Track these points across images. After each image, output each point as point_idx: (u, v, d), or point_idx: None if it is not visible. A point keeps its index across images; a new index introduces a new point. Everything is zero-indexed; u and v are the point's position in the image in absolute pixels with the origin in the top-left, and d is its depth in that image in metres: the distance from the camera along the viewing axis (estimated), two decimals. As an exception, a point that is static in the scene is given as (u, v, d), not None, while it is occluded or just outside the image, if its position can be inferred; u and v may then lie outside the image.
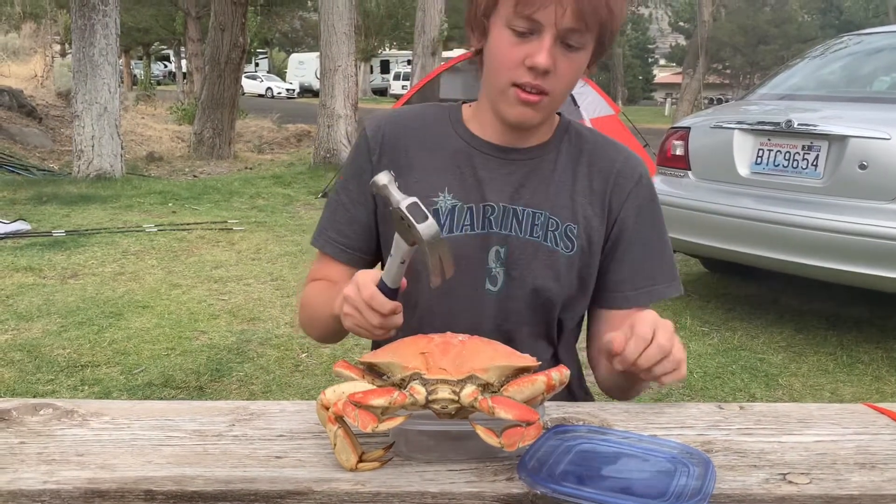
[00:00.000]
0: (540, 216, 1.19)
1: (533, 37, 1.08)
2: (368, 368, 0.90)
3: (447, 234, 1.19)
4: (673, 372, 0.99)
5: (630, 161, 1.26)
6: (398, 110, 1.30)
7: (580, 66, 1.13)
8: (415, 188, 1.18)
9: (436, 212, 1.19)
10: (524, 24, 1.07)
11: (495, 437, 0.79)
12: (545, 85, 1.10)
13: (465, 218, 1.19)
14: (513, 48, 1.09)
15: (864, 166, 3.55)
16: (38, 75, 15.72)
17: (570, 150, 1.25)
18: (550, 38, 1.07)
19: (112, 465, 0.83)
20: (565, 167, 1.23)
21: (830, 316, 4.31)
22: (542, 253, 1.19)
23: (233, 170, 10.73)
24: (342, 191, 1.28)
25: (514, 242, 1.19)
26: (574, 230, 1.20)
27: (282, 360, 3.50)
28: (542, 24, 1.06)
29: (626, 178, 1.24)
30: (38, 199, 7.33)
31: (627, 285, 1.24)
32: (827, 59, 4.86)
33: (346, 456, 0.83)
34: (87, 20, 8.21)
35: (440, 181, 1.21)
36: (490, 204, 1.19)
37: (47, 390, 3.08)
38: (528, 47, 1.08)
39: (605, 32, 1.10)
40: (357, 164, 1.27)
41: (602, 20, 1.07)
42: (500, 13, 1.10)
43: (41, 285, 4.55)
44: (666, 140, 4.59)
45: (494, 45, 1.12)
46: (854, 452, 0.90)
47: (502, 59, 1.11)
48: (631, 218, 1.24)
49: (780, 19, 37.22)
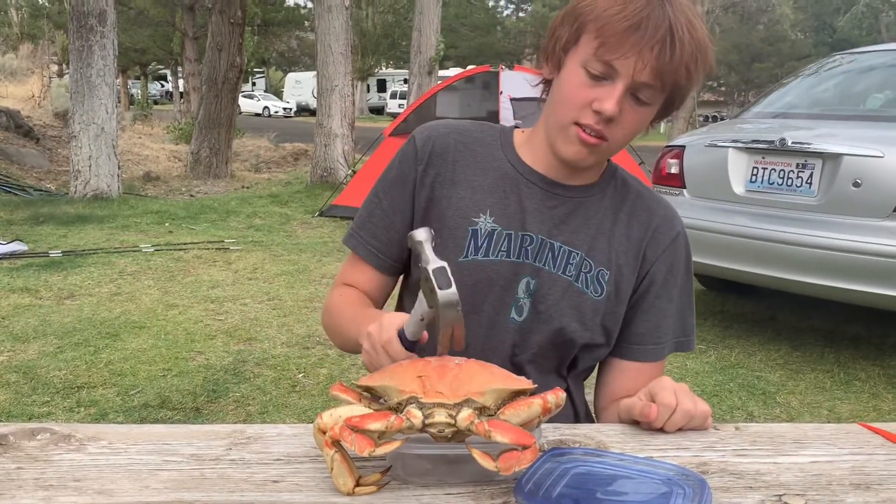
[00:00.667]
0: (575, 255, 1.20)
1: (606, 82, 1.08)
2: (365, 391, 0.90)
3: (483, 256, 1.19)
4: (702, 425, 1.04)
5: (669, 218, 1.27)
6: (450, 123, 1.30)
7: (644, 121, 1.14)
8: (458, 205, 1.21)
9: (475, 232, 1.19)
10: (601, 68, 1.08)
11: (491, 460, 0.79)
12: (606, 131, 1.11)
13: (502, 243, 1.19)
14: (584, 89, 1.10)
15: (857, 184, 3.57)
16: (35, 96, 15.78)
17: (614, 195, 1.25)
18: (623, 87, 1.08)
19: (109, 491, 0.83)
20: (607, 212, 1.23)
21: (827, 333, 4.32)
22: (572, 293, 1.19)
23: (229, 189, 10.75)
24: (383, 194, 1.27)
25: (545, 277, 1.19)
26: (606, 276, 1.20)
27: (278, 381, 3.49)
28: (618, 72, 1.07)
29: (663, 234, 1.25)
30: (34, 219, 7.33)
31: (648, 339, 1.24)
32: (820, 78, 4.90)
33: (343, 480, 0.83)
34: (85, 41, 8.26)
35: (483, 202, 1.21)
36: (529, 234, 1.19)
37: (43, 412, 3.06)
38: (598, 91, 1.09)
39: (676, 94, 1.12)
40: (402, 171, 1.26)
41: (678, 82, 1.09)
42: (580, 51, 1.11)
43: (37, 306, 4.54)
44: (661, 158, 4.61)
45: (566, 80, 1.13)
46: (849, 473, 0.91)
47: (571, 97, 1.12)
48: (662, 273, 1.24)
49: (773, 38, 37.55)
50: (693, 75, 1.09)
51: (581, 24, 1.10)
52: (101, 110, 8.42)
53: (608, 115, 1.08)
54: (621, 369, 1.26)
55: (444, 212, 1.21)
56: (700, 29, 1.08)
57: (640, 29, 1.05)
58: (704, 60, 1.09)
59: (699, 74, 1.10)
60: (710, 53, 1.10)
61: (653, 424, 1.02)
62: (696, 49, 1.07)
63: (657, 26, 1.05)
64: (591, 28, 1.08)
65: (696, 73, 1.09)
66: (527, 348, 1.19)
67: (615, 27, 1.05)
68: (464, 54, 35.79)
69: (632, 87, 1.08)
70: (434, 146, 1.24)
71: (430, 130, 1.27)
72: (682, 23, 1.06)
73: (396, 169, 1.27)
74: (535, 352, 1.19)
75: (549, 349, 1.20)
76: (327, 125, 10.49)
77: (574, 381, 1.28)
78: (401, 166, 1.27)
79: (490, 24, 39.44)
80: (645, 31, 1.04)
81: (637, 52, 1.05)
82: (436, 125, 1.29)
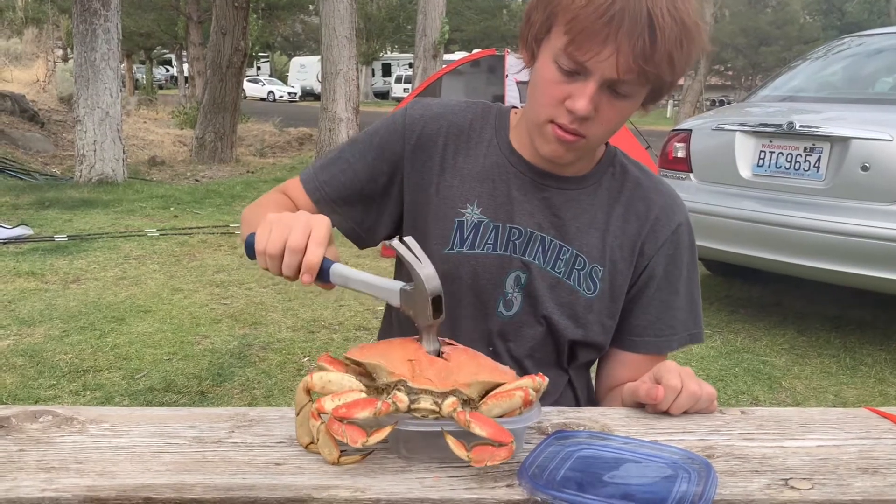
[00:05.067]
0: (566, 251, 1.15)
1: (578, 77, 1.01)
2: (354, 364, 0.90)
3: (468, 249, 1.15)
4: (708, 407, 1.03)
5: (669, 208, 1.20)
6: (446, 103, 1.23)
7: (625, 113, 1.06)
8: (445, 193, 1.16)
9: (461, 223, 1.15)
10: (572, 65, 1.00)
11: (464, 449, 0.79)
12: (582, 129, 1.04)
13: (489, 236, 1.15)
14: (556, 86, 1.03)
15: (866, 168, 3.54)
16: (40, 80, 15.77)
17: (611, 186, 1.19)
18: (595, 85, 1.00)
19: (111, 473, 0.83)
20: (602, 204, 1.17)
21: (833, 318, 4.30)
22: (562, 291, 1.15)
23: (235, 174, 10.74)
24: (360, 155, 1.19)
25: (535, 271, 1.14)
26: (599, 272, 1.15)
27: (284, 365, 3.50)
28: (589, 70, 0.99)
29: (662, 226, 1.18)
30: (40, 203, 7.34)
31: (649, 332, 1.20)
32: (829, 61, 4.86)
33: (328, 450, 0.83)
34: (89, 25, 8.23)
35: (471, 191, 1.16)
36: (517, 227, 1.15)
37: (49, 395, 3.08)
38: (571, 88, 1.02)
39: (662, 83, 1.03)
40: (386, 141, 1.19)
41: (659, 74, 1.00)
42: (551, 44, 1.02)
43: (43, 290, 4.55)
44: (668, 142, 4.58)
45: (539, 76, 1.06)
46: (856, 457, 0.90)
47: (543, 95, 1.06)
48: (661, 267, 1.19)
49: (781, 21, 37.24)
50: (679, 63, 0.99)
51: (551, 12, 1.01)
52: (106, 94, 8.40)
53: (581, 115, 1.01)
54: (622, 360, 1.23)
55: (431, 199, 1.17)
56: (685, 8, 0.97)
57: (612, 22, 0.94)
58: (692, 43, 0.99)
59: (687, 59, 1.00)
60: (699, 33, 1.00)
61: (658, 407, 1.01)
62: (680, 33, 0.97)
63: (633, 17, 0.94)
64: (560, 20, 0.99)
65: (684, 59, 0.99)
66: (522, 343, 1.16)
67: (584, 21, 0.96)
68: (469, 38, 35.60)
69: (607, 83, 1.00)
70: (425, 127, 1.18)
71: (424, 109, 1.20)
72: (663, 6, 0.95)
73: (381, 136, 1.20)
74: (531, 345, 1.16)
75: (543, 344, 1.17)
76: (332, 109, 10.46)
77: (576, 373, 1.24)
78: (386, 136, 1.19)
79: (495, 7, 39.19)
80: (619, 23, 0.94)
81: (610, 48, 0.96)
82: (431, 104, 1.22)
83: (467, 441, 0.80)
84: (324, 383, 0.85)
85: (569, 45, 0.98)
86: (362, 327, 4.03)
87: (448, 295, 1.10)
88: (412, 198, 1.19)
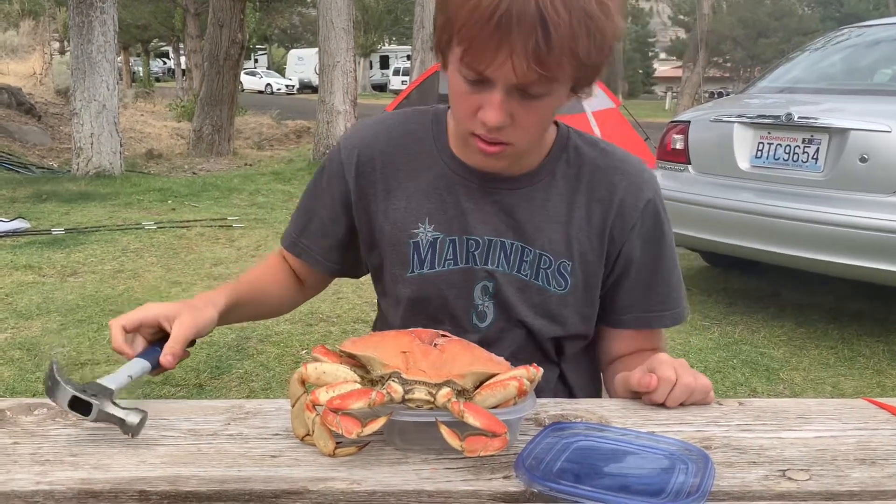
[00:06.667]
0: (529, 252, 1.11)
1: (485, 87, 0.95)
2: (348, 357, 0.89)
3: (429, 269, 1.12)
4: (703, 399, 1.01)
5: (634, 185, 1.14)
6: (378, 123, 1.20)
7: (547, 113, 1.00)
8: (394, 217, 1.14)
9: (416, 245, 1.12)
10: (472, 75, 0.94)
11: (458, 439, 0.79)
12: (503, 137, 0.99)
13: (447, 252, 1.11)
14: (466, 97, 0.98)
15: (864, 159, 3.53)
16: (36, 73, 15.72)
17: (567, 174, 1.13)
18: (500, 93, 0.94)
19: (106, 466, 0.82)
20: (560, 197, 1.12)
21: (831, 310, 4.31)
22: (532, 292, 1.12)
23: (232, 167, 10.72)
24: (320, 203, 1.21)
25: (500, 278, 1.11)
26: (568, 267, 1.12)
27: (282, 357, 3.50)
28: (490, 79, 0.93)
29: (629, 209, 1.13)
30: (37, 197, 7.32)
31: (636, 309, 1.18)
32: (827, 52, 4.84)
33: (323, 442, 0.83)
34: (85, 17, 8.20)
35: (421, 210, 1.12)
36: (474, 238, 1.11)
37: (47, 388, 3.07)
38: (480, 98, 0.96)
39: (581, 74, 0.96)
40: (332, 184, 1.19)
41: (573, 67, 0.92)
42: (453, 53, 0.95)
43: (40, 283, 4.54)
44: (666, 134, 4.58)
45: (451, 87, 1.01)
46: (854, 448, 0.90)
47: (458, 107, 1.01)
48: (637, 249, 1.15)
49: (780, 12, 37.18)
50: (587, 52, 0.91)
51: (446, 21, 0.93)
52: (103, 87, 8.38)
53: (494, 127, 0.96)
54: (614, 336, 1.22)
55: (383, 227, 1.15)
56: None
57: (501, 25, 0.87)
58: (599, 25, 0.90)
59: (599, 44, 0.92)
60: (606, 12, 0.91)
61: (653, 398, 1.00)
62: (579, 22, 0.88)
63: (522, 16, 0.87)
64: (454, 29, 0.92)
65: (595, 46, 0.91)
66: (504, 348, 1.13)
67: (473, 28, 0.89)
68: (467, 30, 35.52)
69: (515, 88, 0.93)
70: (360, 155, 1.16)
71: (354, 138, 1.18)
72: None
73: (326, 181, 1.20)
74: (513, 350, 1.13)
75: (525, 346, 1.15)
76: (330, 102, 10.44)
77: (568, 364, 1.22)
78: (330, 179, 1.19)
79: (494, -1, 39.13)
80: (509, 26, 0.87)
81: (504, 53, 0.89)
82: (361, 129, 1.20)
83: (461, 431, 0.80)
84: (318, 374, 0.85)
85: (464, 55, 0.92)
86: (360, 320, 4.03)
87: (422, 316, 1.10)
88: (366, 228, 1.18)
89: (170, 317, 1.02)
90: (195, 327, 1.04)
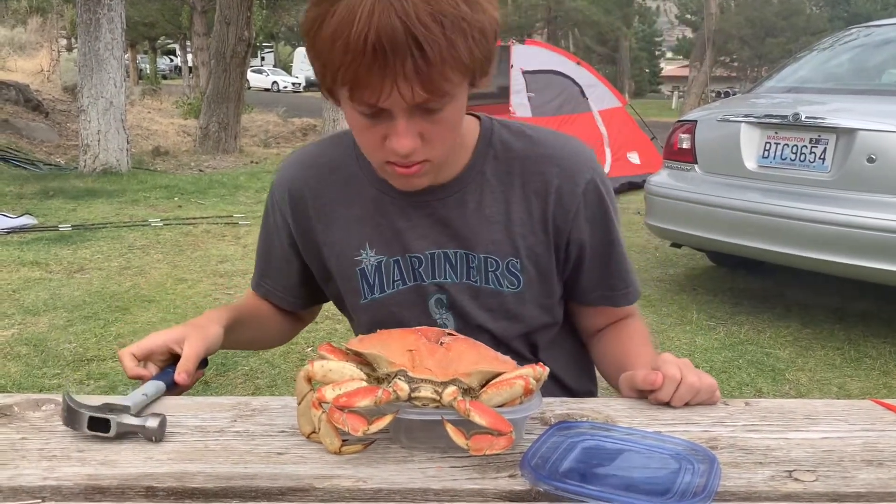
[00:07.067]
0: (474, 258, 1.10)
1: (384, 115, 0.92)
2: (354, 355, 0.90)
3: (380, 293, 1.12)
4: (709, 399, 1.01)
5: (569, 171, 1.10)
6: (302, 157, 1.19)
7: (455, 119, 0.97)
8: (337, 248, 1.14)
9: (362, 272, 1.13)
10: (366, 109, 0.92)
11: (463, 437, 0.79)
12: (418, 156, 0.96)
13: (394, 273, 1.12)
14: (369, 131, 0.95)
15: (872, 159, 3.52)
16: (44, 70, 15.76)
17: (497, 171, 1.10)
18: (401, 119, 0.91)
19: (113, 462, 0.83)
20: (494, 196, 1.10)
21: (837, 310, 4.29)
22: (486, 295, 1.11)
23: (238, 164, 10.74)
24: (272, 245, 1.23)
25: (451, 289, 1.11)
26: (517, 265, 1.10)
27: (287, 355, 3.50)
28: (386, 109, 0.91)
29: (567, 195, 1.10)
30: (44, 193, 7.35)
31: (599, 288, 1.18)
32: (835, 52, 4.83)
33: (329, 439, 0.83)
34: (93, 14, 8.22)
35: (360, 236, 1.12)
36: (416, 256, 1.10)
37: (53, 384, 3.08)
38: (383, 128, 0.94)
39: (472, 72, 0.92)
40: (276, 224, 1.20)
41: (461, 72, 0.89)
42: (341, 91, 0.93)
43: (47, 279, 4.56)
44: (672, 133, 4.56)
45: (349, 120, 0.99)
46: (861, 449, 0.89)
47: (363, 143, 1.00)
48: (586, 233, 1.13)
49: (787, 11, 37.03)
50: (472, 48, 0.88)
51: (322, 65, 0.91)
52: (110, 84, 8.40)
53: (405, 153, 0.94)
54: (588, 313, 1.22)
55: (329, 259, 1.16)
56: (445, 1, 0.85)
57: (377, 56, 0.84)
58: (473, 23, 0.87)
59: (479, 38, 0.89)
60: (477, 9, 0.88)
61: (658, 396, 1.00)
62: (454, 25, 0.85)
63: (391, 39, 0.83)
64: (332, 71, 0.89)
65: (475, 41, 0.88)
66: None
67: (351, 67, 0.86)
68: (474, 28, 35.51)
69: (415, 108, 0.91)
70: (291, 195, 1.16)
71: (283, 178, 1.18)
72: (419, 9, 0.84)
73: (272, 224, 1.22)
74: None
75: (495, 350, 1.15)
76: (336, 100, 10.43)
77: (546, 353, 1.19)
78: (275, 221, 1.21)
79: (500, -3, 39.10)
80: (382, 53, 0.84)
81: (388, 81, 0.86)
82: (287, 168, 1.19)
83: (467, 430, 0.80)
84: (325, 372, 0.85)
85: (352, 94, 0.90)
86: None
87: None
88: (317, 262, 1.19)
89: (178, 340, 1.05)
90: (205, 345, 1.06)
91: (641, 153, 8.66)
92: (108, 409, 0.88)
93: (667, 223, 4.44)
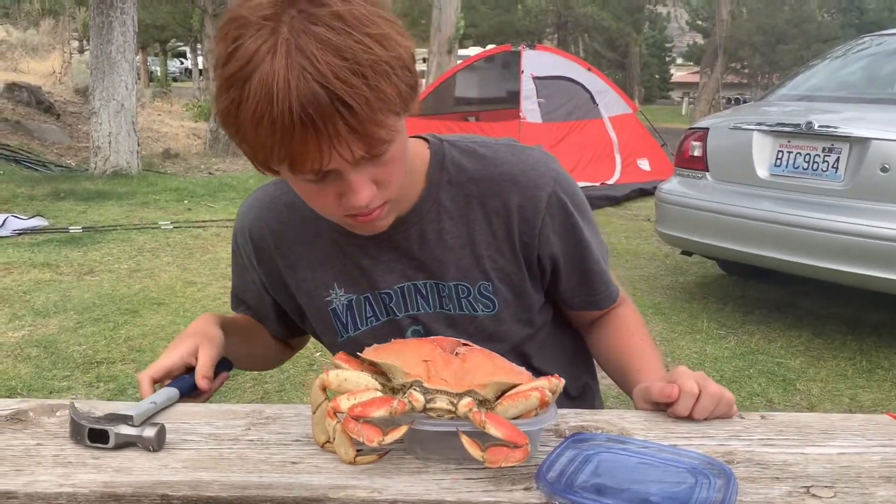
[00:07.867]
0: (444, 287, 1.08)
1: (331, 176, 0.89)
2: (369, 364, 0.89)
3: (354, 331, 1.12)
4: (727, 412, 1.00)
5: (528, 188, 1.07)
6: (258, 203, 1.16)
7: (400, 154, 0.94)
8: (306, 289, 1.14)
9: (334, 311, 1.12)
10: (313, 176, 0.89)
11: (479, 449, 0.79)
12: (377, 202, 0.94)
13: (365, 310, 1.11)
14: (321, 194, 0.93)
15: (885, 169, 3.50)
16: (56, 72, 15.85)
17: (454, 197, 1.08)
18: (351, 174, 0.89)
19: (128, 469, 0.83)
20: (454, 222, 1.07)
21: (849, 320, 4.26)
22: (462, 323, 1.10)
23: (248, 167, 10.73)
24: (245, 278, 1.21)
25: (426, 319, 1.10)
26: (489, 287, 1.09)
27: (296, 359, 3.49)
28: (332, 170, 0.88)
29: (531, 213, 1.07)
30: (55, 195, 7.39)
31: (578, 294, 1.17)
32: (848, 60, 4.81)
33: (344, 449, 0.83)
34: (105, 17, 8.26)
35: (327, 276, 1.11)
36: (384, 292, 1.10)
37: (63, 386, 3.09)
38: (333, 187, 0.91)
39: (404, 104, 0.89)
40: (244, 266, 1.20)
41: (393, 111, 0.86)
42: (283, 169, 0.89)
43: (58, 281, 4.58)
44: (684, 141, 4.55)
45: (298, 191, 0.96)
46: (879, 465, 0.88)
47: (317, 207, 0.97)
48: (556, 245, 1.11)
49: (799, 18, 36.91)
50: (397, 83, 0.85)
51: (252, 150, 0.88)
52: (121, 87, 8.44)
53: (364, 206, 0.92)
54: (575, 314, 1.23)
55: (300, 299, 1.16)
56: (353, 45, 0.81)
57: (306, 126, 0.81)
58: (391, 61, 0.84)
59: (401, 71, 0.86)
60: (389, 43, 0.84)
61: (676, 410, 0.99)
62: (374, 72, 0.82)
63: (314, 104, 0.80)
64: (264, 154, 0.87)
65: (399, 76, 0.85)
66: None
67: (284, 145, 0.83)
68: (484, 33, 35.51)
69: (360, 159, 0.88)
70: (252, 239, 1.15)
71: (243, 223, 1.17)
72: (332, 66, 0.80)
73: (240, 263, 1.21)
74: None
75: None
76: (346, 104, 10.44)
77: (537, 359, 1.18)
78: (243, 264, 1.20)
79: (511, 2, 39.08)
80: (312, 123, 0.81)
81: (325, 145, 0.83)
82: (246, 212, 1.17)
83: (482, 442, 0.80)
84: (340, 381, 0.85)
85: (292, 168, 0.87)
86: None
87: None
88: (289, 302, 1.19)
89: (193, 353, 1.05)
90: (217, 347, 1.07)
91: (651, 160, 8.64)
92: (109, 420, 0.88)
93: (677, 231, 4.43)
